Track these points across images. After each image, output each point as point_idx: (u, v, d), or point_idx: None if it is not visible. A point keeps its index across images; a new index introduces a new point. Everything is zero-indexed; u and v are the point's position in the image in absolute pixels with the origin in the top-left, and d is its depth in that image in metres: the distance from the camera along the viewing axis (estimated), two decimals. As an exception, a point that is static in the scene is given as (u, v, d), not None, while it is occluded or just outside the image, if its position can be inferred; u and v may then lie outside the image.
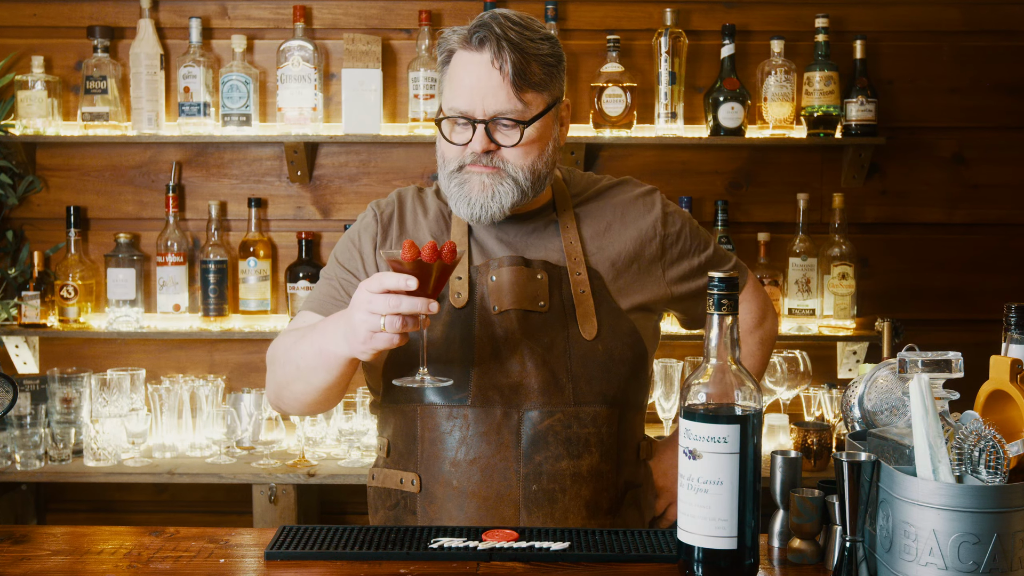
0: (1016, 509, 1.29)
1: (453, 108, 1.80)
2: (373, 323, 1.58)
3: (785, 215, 3.25)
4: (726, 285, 1.42)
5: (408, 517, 1.85)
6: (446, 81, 1.84)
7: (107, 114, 3.15)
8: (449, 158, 1.83)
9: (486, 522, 1.77)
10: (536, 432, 1.79)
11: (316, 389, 1.78)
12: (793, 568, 1.54)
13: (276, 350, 1.84)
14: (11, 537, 1.67)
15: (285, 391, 1.84)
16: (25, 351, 3.22)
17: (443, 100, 1.84)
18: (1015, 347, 1.51)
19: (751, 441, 1.41)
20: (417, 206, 1.95)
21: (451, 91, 1.82)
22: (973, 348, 1.71)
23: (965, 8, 3.27)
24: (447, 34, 1.87)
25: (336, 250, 1.95)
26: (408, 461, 1.85)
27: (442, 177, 1.86)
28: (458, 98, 1.80)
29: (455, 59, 1.84)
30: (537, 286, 1.84)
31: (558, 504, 1.79)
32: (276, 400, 1.89)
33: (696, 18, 3.25)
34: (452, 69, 1.83)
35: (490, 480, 1.78)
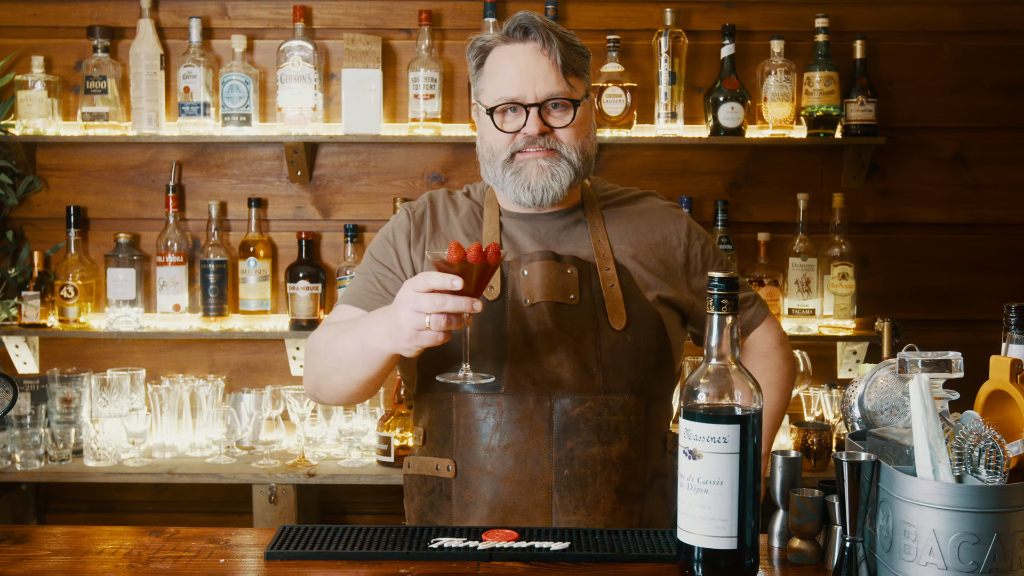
0: (1016, 509, 1.29)
1: (502, 97, 1.87)
2: (418, 321, 1.63)
3: (785, 215, 3.25)
4: (726, 285, 1.42)
5: (443, 503, 1.89)
6: (485, 78, 1.92)
7: (107, 114, 3.15)
8: (499, 148, 1.90)
9: (520, 505, 1.84)
10: (568, 419, 1.85)
11: (356, 382, 1.83)
12: (793, 568, 1.54)
13: (316, 342, 1.88)
14: (11, 537, 1.67)
15: (324, 382, 1.88)
16: (25, 351, 3.22)
17: (483, 96, 1.92)
18: (1015, 347, 1.51)
19: (751, 441, 1.41)
20: (448, 206, 2.03)
21: (495, 83, 1.89)
22: (973, 348, 1.72)
23: (965, 8, 3.27)
24: (477, 39, 1.96)
25: (371, 248, 2.02)
26: (444, 448, 1.90)
27: (492, 171, 1.93)
28: (506, 87, 1.87)
29: (494, 54, 1.92)
30: (568, 280, 1.90)
31: (589, 488, 1.85)
32: (314, 391, 1.93)
33: (696, 18, 3.25)
34: (492, 64, 1.91)
35: (524, 465, 1.84)
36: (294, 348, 3.23)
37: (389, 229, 2.02)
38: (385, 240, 2.00)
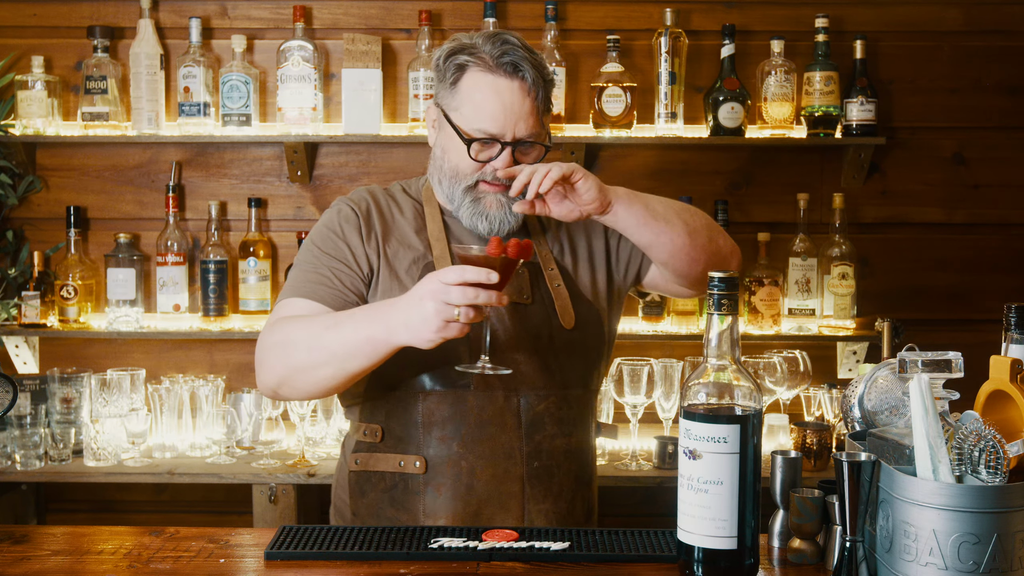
0: (1016, 509, 1.29)
1: (481, 130, 1.90)
2: (448, 313, 1.65)
3: (785, 215, 3.25)
4: (726, 285, 1.42)
5: (409, 498, 1.92)
6: (462, 97, 1.92)
7: (107, 114, 3.15)
8: (465, 173, 1.94)
9: (494, 497, 1.89)
10: (535, 414, 1.93)
11: (347, 375, 1.81)
12: (793, 568, 1.54)
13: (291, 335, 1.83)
14: (11, 537, 1.67)
15: (301, 376, 1.83)
16: (25, 351, 3.22)
17: (458, 117, 1.92)
18: (1015, 347, 1.51)
19: (751, 441, 1.41)
20: (390, 202, 2.04)
21: (476, 112, 1.90)
22: (973, 348, 1.71)
23: (965, 8, 3.27)
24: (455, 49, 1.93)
25: (315, 240, 1.99)
26: (408, 444, 1.92)
27: (450, 189, 1.97)
28: (488, 121, 1.89)
29: (476, 78, 1.92)
30: (521, 280, 1.97)
31: (555, 478, 1.94)
32: (278, 386, 1.88)
33: (696, 18, 3.25)
34: (473, 88, 1.91)
35: (496, 459, 1.90)
36: (294, 348, 3.22)
37: (334, 223, 1.99)
38: (332, 234, 1.98)
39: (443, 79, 1.95)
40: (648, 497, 3.17)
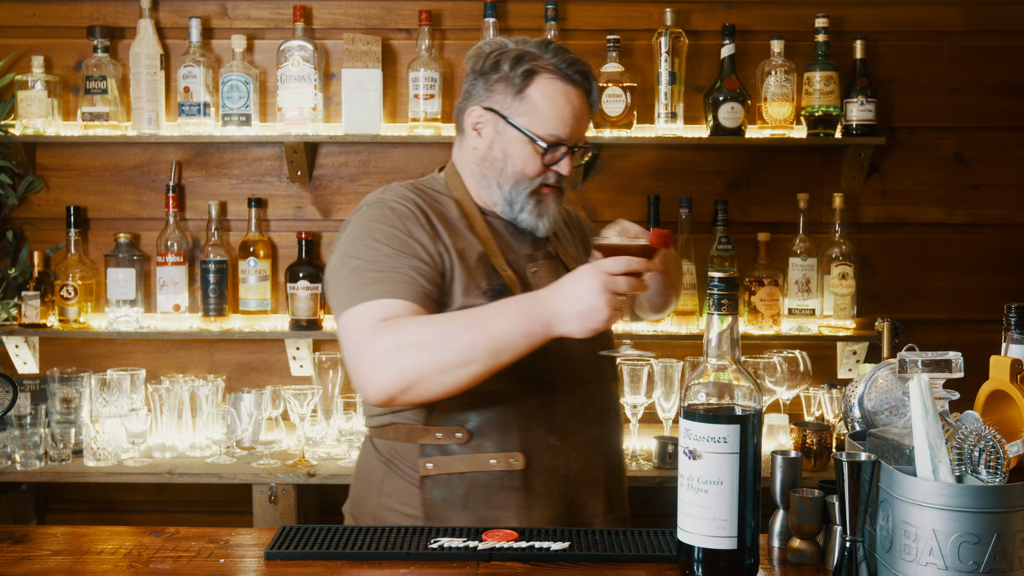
0: (1016, 509, 1.29)
1: (553, 135, 1.97)
2: (618, 302, 1.75)
3: (785, 215, 3.25)
4: (726, 285, 1.42)
5: (506, 494, 1.93)
6: (530, 102, 1.97)
7: (107, 114, 3.15)
8: (530, 176, 2.00)
9: (584, 485, 1.97)
10: (602, 405, 2.04)
11: (493, 370, 1.81)
12: (793, 568, 1.54)
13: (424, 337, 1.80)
14: (11, 537, 1.67)
15: (442, 376, 1.80)
16: (25, 351, 3.22)
17: (529, 121, 1.97)
18: (1015, 347, 1.51)
19: (751, 441, 1.41)
20: (433, 200, 2.04)
21: (548, 116, 1.97)
22: (973, 348, 1.71)
23: (965, 8, 3.27)
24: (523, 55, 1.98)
25: (382, 240, 1.93)
26: (503, 442, 1.94)
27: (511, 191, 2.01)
28: (560, 126, 1.97)
29: (546, 84, 1.98)
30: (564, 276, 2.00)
31: (618, 462, 2.09)
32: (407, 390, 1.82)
33: (696, 18, 3.25)
34: (543, 93, 1.97)
35: (584, 449, 1.99)
36: (294, 348, 3.23)
37: (395, 222, 1.96)
38: (399, 232, 1.95)
39: (506, 85, 1.98)
40: (648, 497, 3.17)
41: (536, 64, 1.97)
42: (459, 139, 2.10)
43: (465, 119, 2.06)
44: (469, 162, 2.06)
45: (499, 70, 1.99)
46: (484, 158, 2.02)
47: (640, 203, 3.25)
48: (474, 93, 2.04)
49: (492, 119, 2.01)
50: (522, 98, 1.97)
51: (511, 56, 1.98)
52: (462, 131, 2.08)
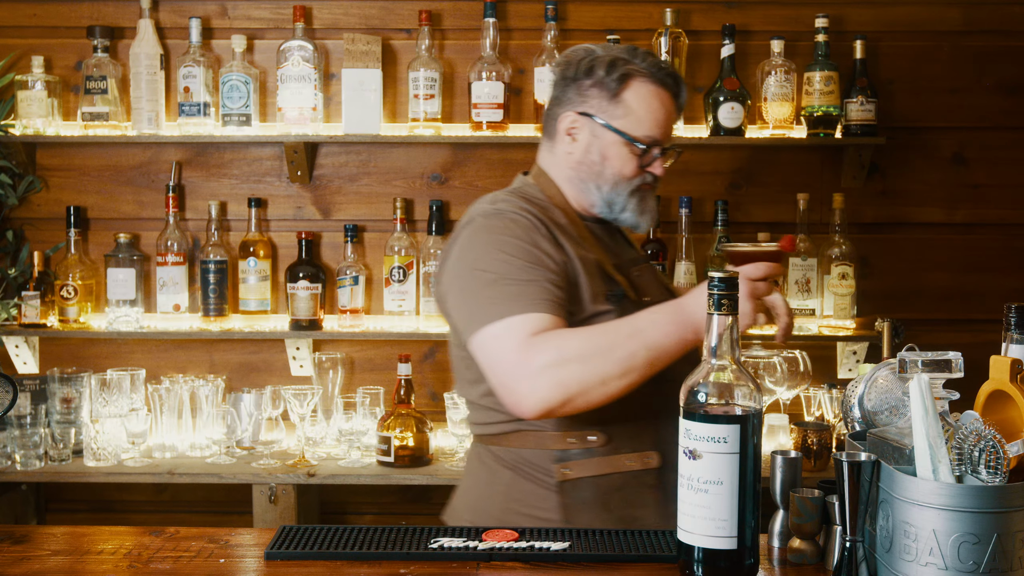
0: (1016, 509, 1.29)
1: (650, 136, 2.02)
2: (760, 307, 1.85)
3: (785, 215, 3.25)
4: (726, 285, 1.42)
5: (643, 492, 1.95)
6: (625, 106, 2.01)
7: (107, 114, 3.15)
8: (629, 176, 2.04)
9: None
10: None
11: (646, 377, 1.85)
12: (793, 568, 1.54)
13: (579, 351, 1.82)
14: (11, 537, 1.67)
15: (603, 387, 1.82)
16: (25, 351, 3.22)
17: (626, 124, 2.01)
18: (1015, 347, 1.51)
19: (751, 441, 1.41)
20: (542, 210, 2.05)
21: (644, 118, 2.02)
22: (973, 348, 1.71)
23: (965, 8, 3.27)
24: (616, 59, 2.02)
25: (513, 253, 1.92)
26: (639, 442, 1.96)
27: (611, 194, 2.05)
28: (655, 128, 2.03)
29: (640, 88, 2.02)
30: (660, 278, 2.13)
31: None
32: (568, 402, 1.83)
33: (696, 18, 3.25)
34: (638, 96, 2.02)
35: None
36: (294, 348, 3.23)
37: (520, 234, 1.95)
38: (528, 245, 1.94)
39: (601, 90, 2.01)
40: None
41: (630, 68, 2.01)
42: (548, 145, 2.11)
43: (558, 124, 2.07)
44: (564, 167, 2.08)
45: (593, 75, 2.02)
46: (581, 162, 2.05)
47: (640, 203, 3.25)
48: (566, 99, 2.06)
49: (587, 123, 2.03)
50: (618, 102, 2.01)
51: (605, 61, 2.02)
52: (552, 137, 2.09)
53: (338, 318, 3.19)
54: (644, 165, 2.04)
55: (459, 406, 2.90)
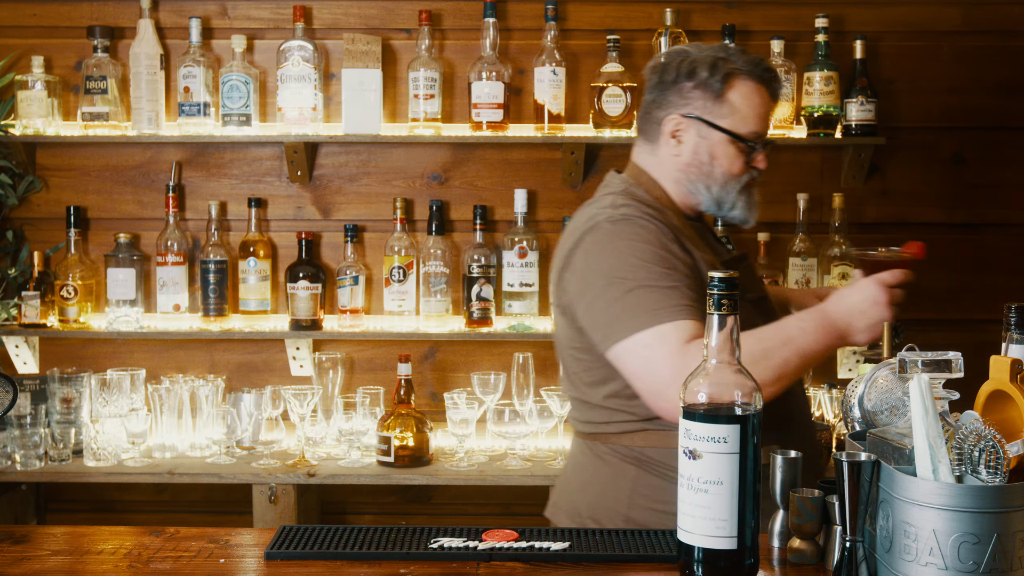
0: (1016, 509, 1.29)
1: (756, 133, 2.08)
2: (890, 312, 1.94)
3: (785, 215, 3.25)
4: (726, 285, 1.42)
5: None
6: (729, 104, 2.05)
7: (107, 114, 3.15)
8: (737, 174, 2.09)
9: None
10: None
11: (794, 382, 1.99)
12: (793, 568, 1.54)
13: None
14: (11, 537, 1.67)
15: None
16: (25, 351, 3.22)
17: (732, 123, 2.06)
18: (1015, 347, 1.50)
19: (751, 441, 1.41)
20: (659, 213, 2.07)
21: (748, 117, 2.07)
22: (973, 348, 1.71)
23: (965, 8, 3.26)
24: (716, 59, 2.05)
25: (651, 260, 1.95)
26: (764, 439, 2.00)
27: (719, 192, 2.09)
28: (758, 123, 2.08)
29: (743, 86, 2.06)
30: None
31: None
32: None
33: (696, 18, 3.25)
34: (741, 94, 2.06)
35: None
36: (294, 348, 3.23)
37: (653, 239, 1.97)
38: (661, 250, 1.96)
39: (705, 91, 2.05)
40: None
41: (731, 67, 2.05)
42: (649, 148, 2.14)
43: (662, 128, 2.09)
44: (670, 169, 2.11)
45: (695, 77, 2.05)
46: (689, 163, 2.08)
47: (640, 203, 3.25)
48: (667, 102, 2.08)
49: (693, 125, 2.06)
50: (722, 101, 2.05)
51: (706, 62, 2.05)
52: (655, 140, 2.12)
53: (338, 318, 3.19)
54: (749, 161, 2.08)
55: (459, 406, 2.90)
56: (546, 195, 3.30)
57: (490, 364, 3.26)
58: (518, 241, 3.16)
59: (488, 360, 3.29)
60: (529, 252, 3.16)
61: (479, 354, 3.31)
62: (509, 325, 3.16)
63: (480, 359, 3.30)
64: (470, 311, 3.15)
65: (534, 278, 3.17)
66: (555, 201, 3.30)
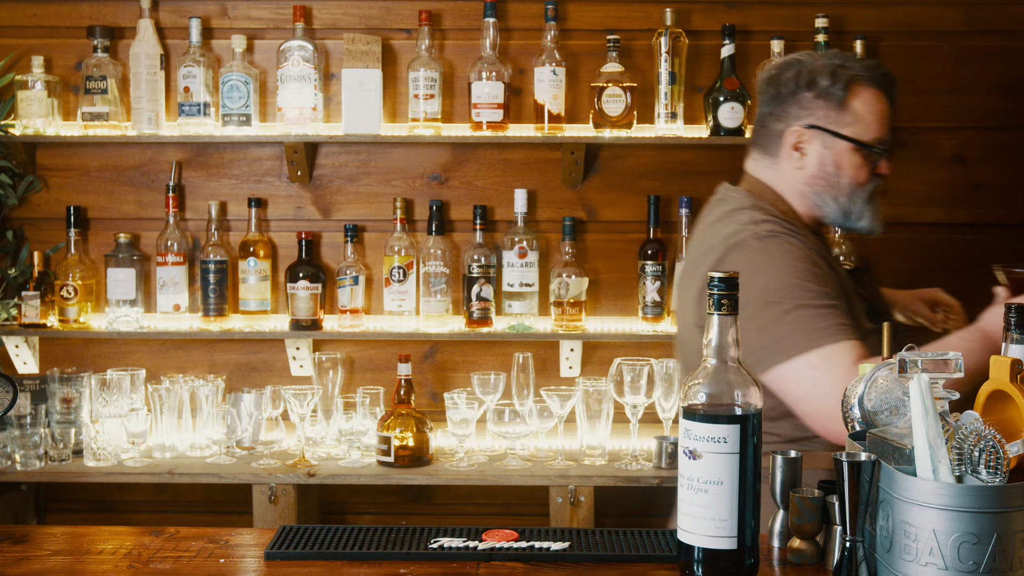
0: (1016, 509, 1.29)
1: (879, 140, 2.06)
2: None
3: (785, 215, 3.25)
4: (726, 285, 1.42)
5: None
6: (852, 112, 2.04)
7: (107, 114, 3.15)
8: (862, 181, 2.07)
9: None
10: None
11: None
12: (793, 568, 1.54)
13: None
14: (11, 537, 1.67)
15: None
16: (25, 351, 3.22)
17: (856, 131, 2.03)
18: (1015, 347, 1.50)
19: (751, 441, 1.41)
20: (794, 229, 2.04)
21: (872, 124, 2.05)
22: (973, 348, 1.71)
23: (965, 8, 3.27)
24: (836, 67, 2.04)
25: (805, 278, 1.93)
26: None
27: (846, 202, 2.07)
28: (881, 130, 2.06)
29: (865, 93, 2.05)
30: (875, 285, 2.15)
31: None
32: None
33: (696, 18, 3.25)
34: (863, 101, 2.05)
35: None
36: (294, 348, 3.23)
37: (803, 256, 1.96)
38: (813, 268, 1.96)
39: (827, 100, 2.03)
40: (648, 497, 3.17)
41: (852, 75, 2.03)
42: (770, 162, 2.12)
43: (784, 140, 2.08)
44: (795, 183, 2.09)
45: (815, 87, 2.04)
46: (815, 175, 2.06)
47: (640, 203, 3.25)
48: (787, 114, 2.07)
49: (816, 135, 2.05)
50: (845, 109, 2.04)
51: (826, 71, 2.03)
52: (775, 153, 2.10)
53: (338, 318, 3.19)
54: (874, 168, 2.07)
55: (459, 406, 2.90)
56: (546, 195, 3.30)
57: (490, 364, 3.26)
58: (518, 241, 3.16)
59: (488, 360, 3.29)
60: (529, 252, 3.16)
61: (479, 354, 3.31)
62: (509, 325, 3.16)
63: (480, 359, 3.30)
64: (470, 311, 3.15)
65: (534, 278, 3.17)
66: (555, 201, 3.30)
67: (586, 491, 2.88)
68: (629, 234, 3.28)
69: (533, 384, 3.01)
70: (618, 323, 3.25)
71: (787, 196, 2.10)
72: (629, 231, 3.28)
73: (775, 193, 2.10)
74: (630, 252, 3.25)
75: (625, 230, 3.29)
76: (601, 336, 3.18)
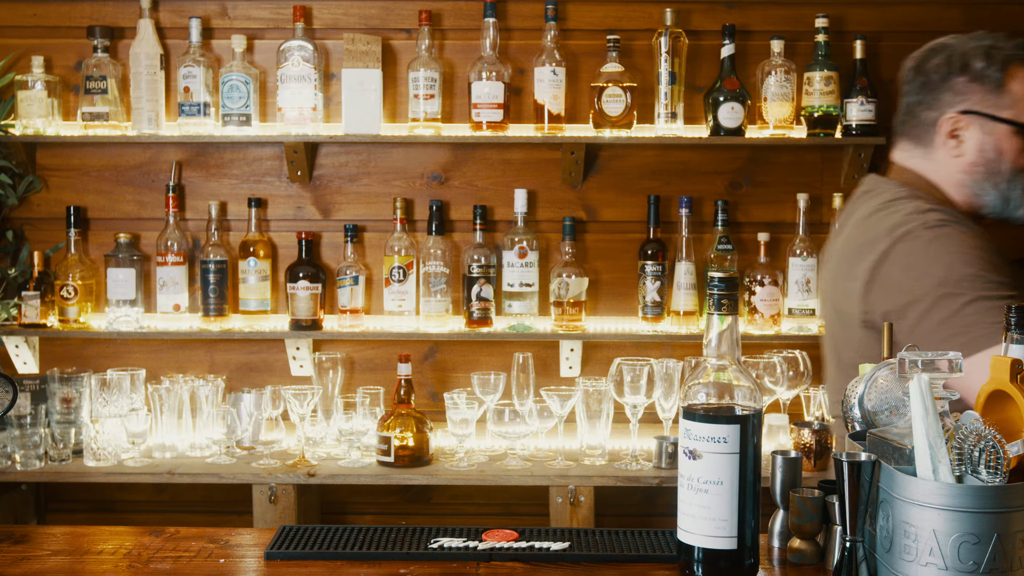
0: (1016, 509, 1.29)
1: None
2: None
3: (785, 215, 3.25)
4: (726, 285, 1.42)
5: None
6: (1013, 91, 1.96)
7: (107, 114, 3.15)
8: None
9: None
10: None
11: None
12: (793, 568, 1.54)
13: None
14: (11, 537, 1.67)
15: None
16: (25, 351, 3.22)
17: (1013, 112, 1.96)
18: (1015, 347, 1.50)
19: (751, 441, 1.41)
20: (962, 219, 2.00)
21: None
22: (973, 348, 1.71)
23: (965, 8, 3.27)
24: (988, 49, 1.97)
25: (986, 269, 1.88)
26: None
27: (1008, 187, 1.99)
28: None
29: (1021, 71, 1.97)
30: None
31: None
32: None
33: (696, 18, 3.25)
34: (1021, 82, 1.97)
35: None
36: (294, 348, 3.23)
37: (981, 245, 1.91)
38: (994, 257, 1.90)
39: (983, 83, 1.96)
40: (648, 497, 3.17)
41: (1007, 55, 1.96)
42: (923, 152, 2.04)
43: (938, 128, 2.01)
44: (953, 172, 2.01)
45: (969, 71, 1.97)
46: (974, 163, 1.99)
47: (640, 203, 3.25)
48: (940, 101, 2.00)
49: (974, 121, 1.98)
50: (1004, 91, 1.96)
51: (979, 53, 1.97)
52: (929, 143, 2.03)
53: (338, 318, 3.19)
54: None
55: (459, 406, 2.90)
56: (546, 195, 3.30)
57: (490, 364, 3.26)
58: (518, 241, 3.16)
59: (488, 360, 3.29)
60: (529, 252, 3.16)
61: (479, 354, 3.31)
62: (509, 325, 3.16)
63: (480, 359, 3.30)
64: (470, 311, 3.15)
65: (534, 278, 3.17)
66: (555, 201, 3.30)
67: (586, 491, 2.88)
68: (629, 234, 3.28)
69: (533, 384, 3.01)
70: (618, 323, 3.25)
71: (943, 186, 2.03)
72: (629, 231, 3.28)
73: (930, 183, 2.03)
74: (630, 252, 3.25)
75: (625, 230, 3.29)
76: (601, 336, 3.18)
